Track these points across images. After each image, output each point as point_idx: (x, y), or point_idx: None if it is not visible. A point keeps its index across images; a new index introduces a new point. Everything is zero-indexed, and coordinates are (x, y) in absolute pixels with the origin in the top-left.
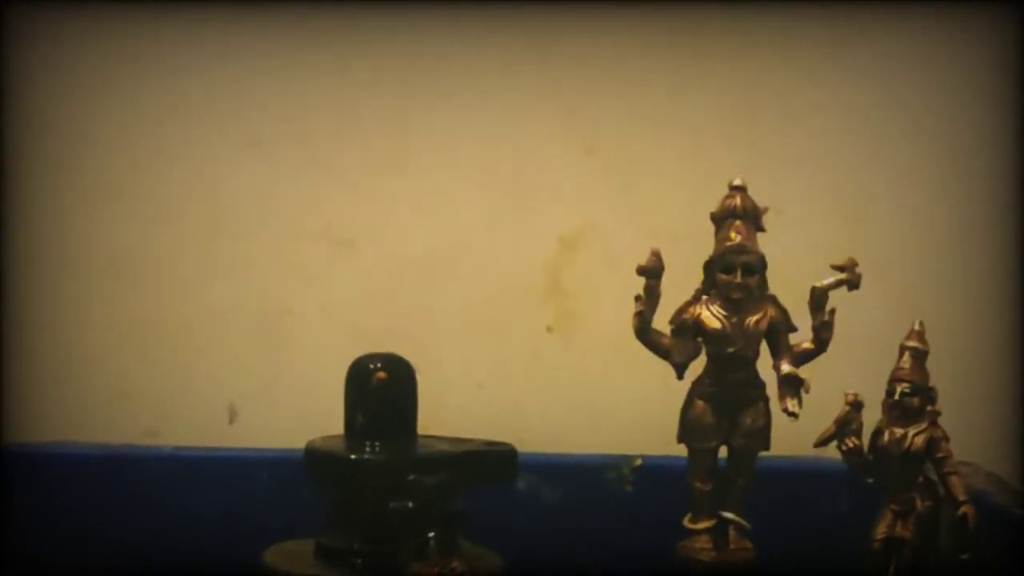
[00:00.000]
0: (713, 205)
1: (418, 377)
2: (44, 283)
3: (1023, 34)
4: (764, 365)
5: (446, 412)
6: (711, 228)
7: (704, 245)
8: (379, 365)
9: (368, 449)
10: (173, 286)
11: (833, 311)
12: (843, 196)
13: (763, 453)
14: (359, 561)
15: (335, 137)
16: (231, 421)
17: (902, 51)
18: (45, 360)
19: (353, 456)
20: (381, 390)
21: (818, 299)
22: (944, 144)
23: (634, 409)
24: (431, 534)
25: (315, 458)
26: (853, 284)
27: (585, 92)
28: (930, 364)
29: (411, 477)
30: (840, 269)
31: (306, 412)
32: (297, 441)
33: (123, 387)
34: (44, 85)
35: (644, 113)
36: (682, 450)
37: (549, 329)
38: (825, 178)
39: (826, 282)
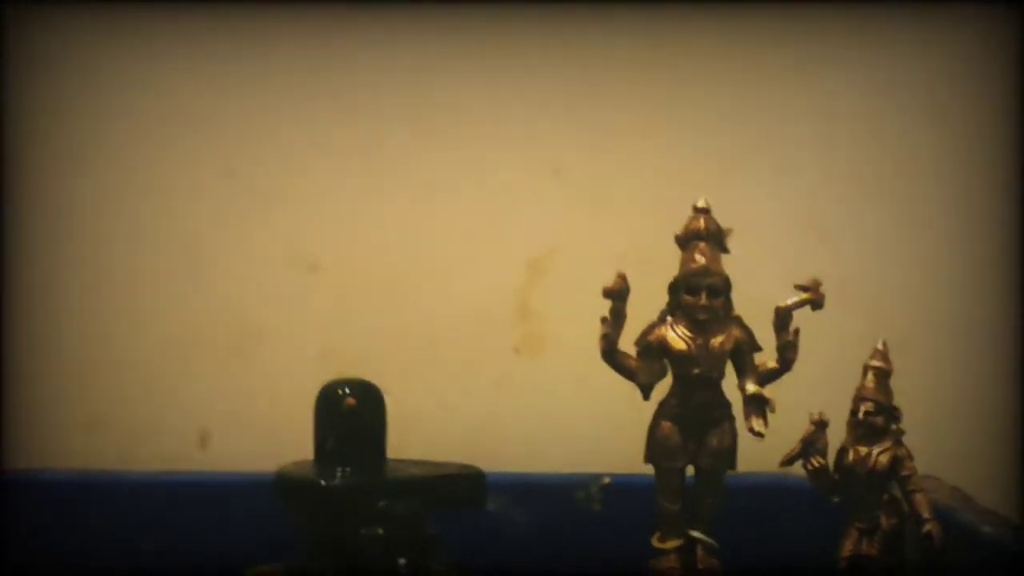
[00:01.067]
0: (681, 227)
1: (387, 400)
2: (19, 311)
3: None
4: (730, 385)
5: (415, 435)
6: (679, 250)
7: (673, 267)
8: (348, 391)
9: (338, 474)
10: (145, 313)
11: (797, 331)
12: (810, 215)
13: (730, 472)
14: None
15: (303, 164)
16: (203, 446)
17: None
18: (20, 388)
19: (323, 482)
20: (350, 415)
21: (782, 319)
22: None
23: (602, 429)
24: (402, 560)
25: (286, 483)
26: (817, 304)
27: (551, 113)
28: (895, 381)
29: (381, 503)
30: (804, 289)
31: (279, 435)
32: (271, 465)
33: (97, 414)
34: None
35: (611, 134)
36: (651, 469)
37: (517, 351)
38: (793, 196)
39: (790, 302)
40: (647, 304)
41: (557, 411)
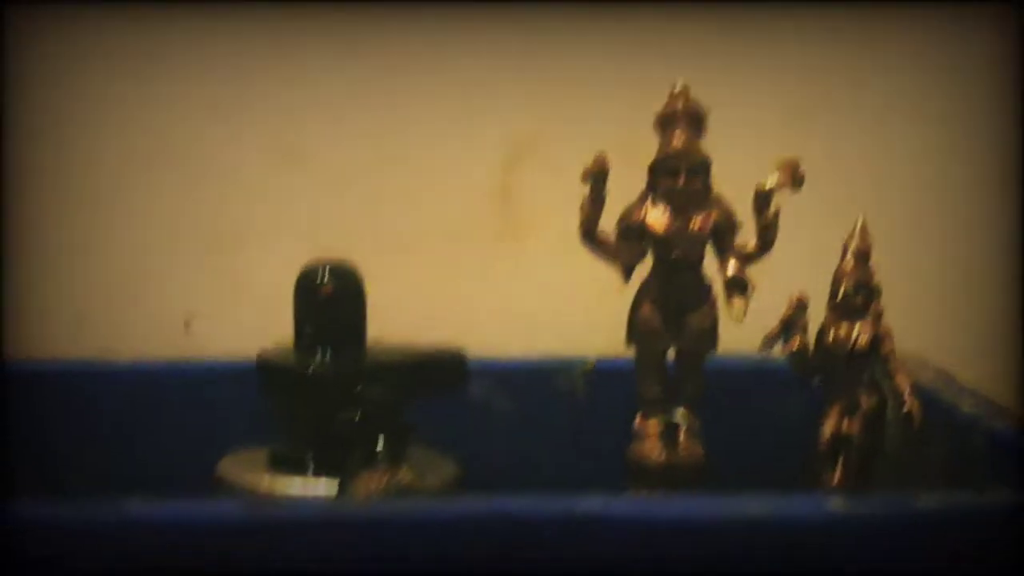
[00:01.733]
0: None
1: (370, 289)
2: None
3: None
4: (711, 267)
5: (397, 324)
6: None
7: (653, 151)
8: (326, 275)
9: (317, 359)
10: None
11: (778, 211)
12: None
13: (712, 353)
14: (311, 469)
15: (286, 56)
16: (187, 330)
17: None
18: (7, 282)
19: (301, 366)
20: (328, 301)
21: (762, 200)
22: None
23: (584, 313)
24: (379, 446)
25: (265, 368)
26: (797, 183)
27: None
28: (880, 259)
29: (359, 388)
30: (784, 168)
31: (263, 320)
32: (253, 350)
33: (83, 310)
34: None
35: (590, 13)
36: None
37: (499, 237)
38: (779, 78)
39: (770, 182)
40: (633, 187)
41: (540, 296)
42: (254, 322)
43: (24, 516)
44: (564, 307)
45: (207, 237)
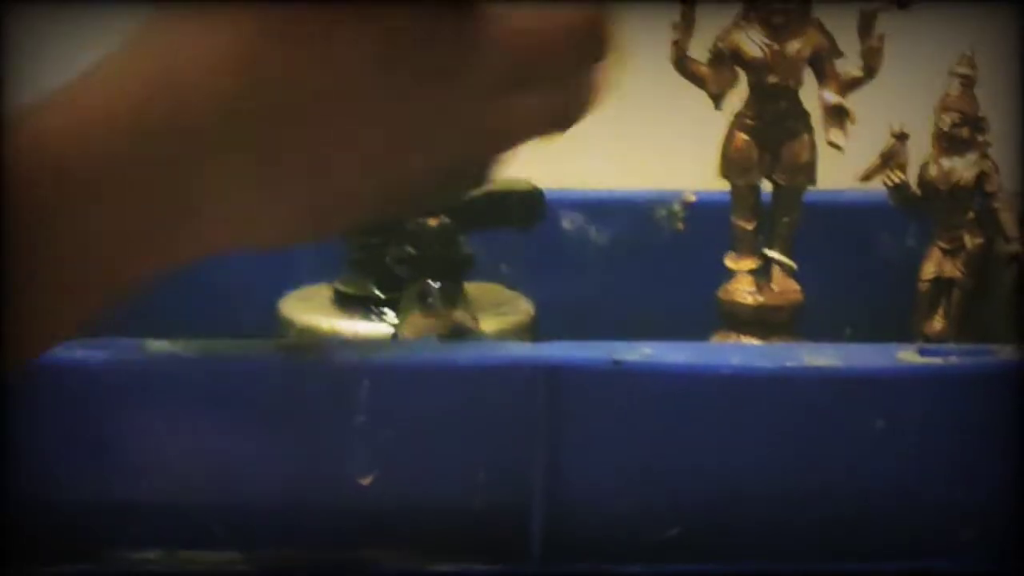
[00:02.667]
0: None
1: None
2: None
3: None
4: (809, 95)
5: None
6: None
7: None
8: None
9: None
10: None
11: (883, 36)
12: None
13: (810, 188)
14: (373, 307)
15: None
16: None
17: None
18: None
19: None
20: None
21: (867, 22)
22: None
23: (679, 143)
24: (434, 282)
25: None
26: (903, 3)
27: None
28: (986, 87)
29: (412, 223)
30: None
31: None
32: None
33: None
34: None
35: None
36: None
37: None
38: None
39: (875, 2)
40: (725, 9)
41: (631, 127)
42: None
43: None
44: (658, 138)
45: None
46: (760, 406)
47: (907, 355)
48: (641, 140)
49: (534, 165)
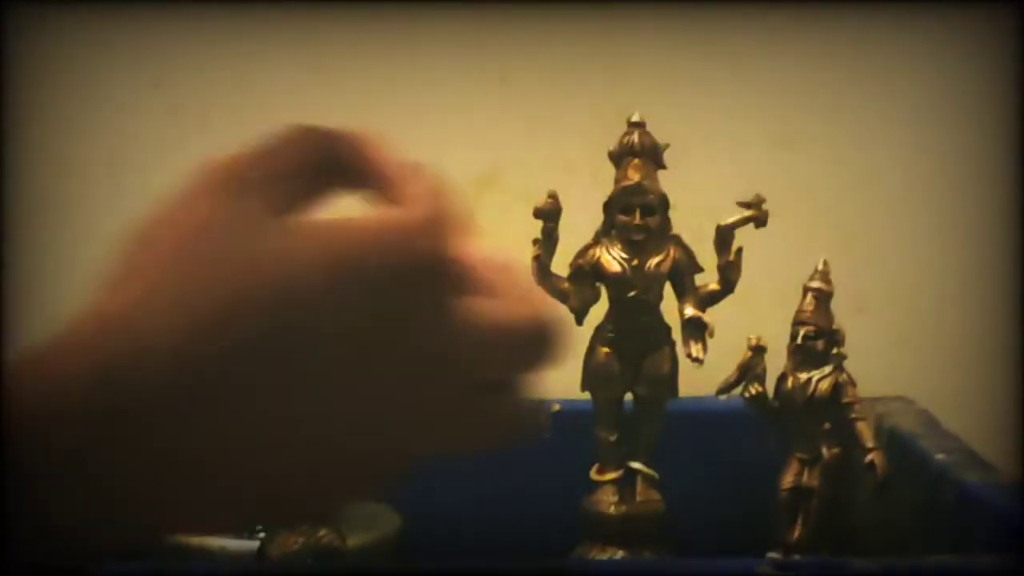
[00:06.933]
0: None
1: None
2: None
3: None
4: (670, 309)
5: None
6: None
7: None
8: None
9: None
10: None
11: (740, 250)
12: (770, 121)
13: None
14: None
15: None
16: None
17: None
18: None
19: None
20: None
21: (724, 237)
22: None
23: None
24: None
25: None
26: (760, 221)
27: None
28: (864, 298)
29: None
30: (747, 206)
31: None
32: None
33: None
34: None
35: (559, 43)
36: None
37: None
38: (752, 105)
39: (732, 220)
40: (599, 219)
41: None
42: None
43: None
44: None
45: None
46: None
47: (763, 569)
48: None
49: None
